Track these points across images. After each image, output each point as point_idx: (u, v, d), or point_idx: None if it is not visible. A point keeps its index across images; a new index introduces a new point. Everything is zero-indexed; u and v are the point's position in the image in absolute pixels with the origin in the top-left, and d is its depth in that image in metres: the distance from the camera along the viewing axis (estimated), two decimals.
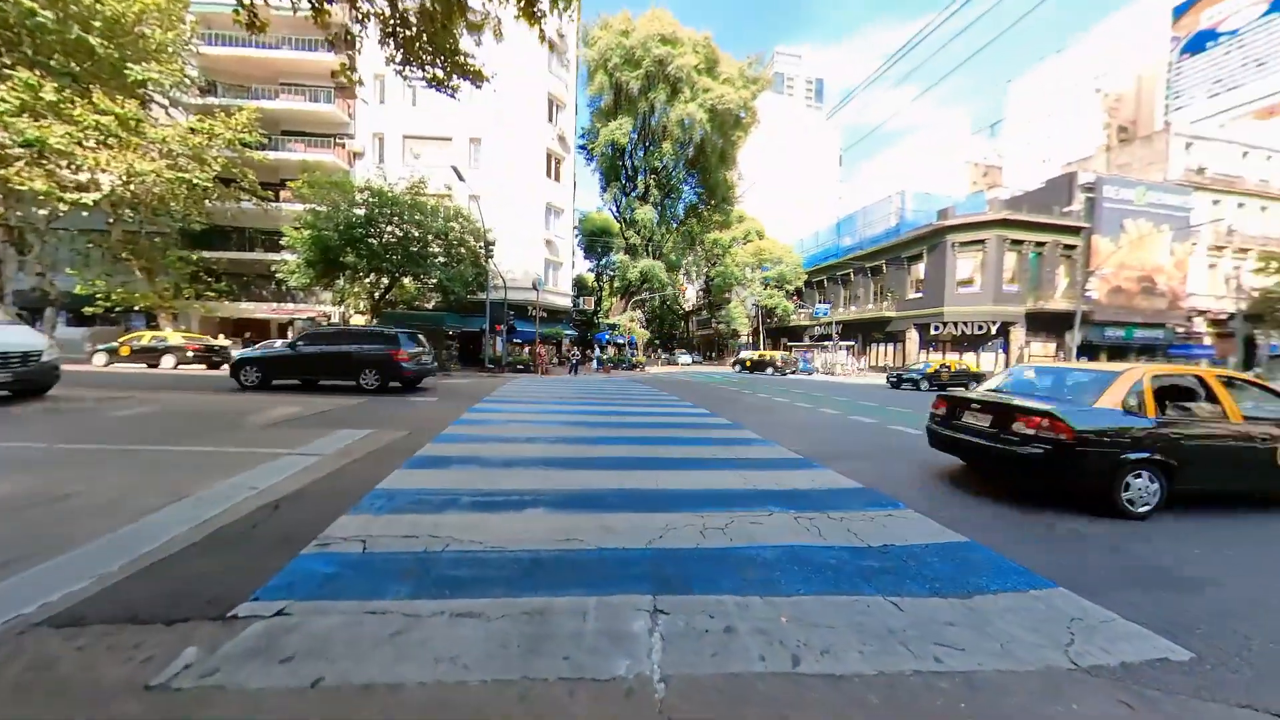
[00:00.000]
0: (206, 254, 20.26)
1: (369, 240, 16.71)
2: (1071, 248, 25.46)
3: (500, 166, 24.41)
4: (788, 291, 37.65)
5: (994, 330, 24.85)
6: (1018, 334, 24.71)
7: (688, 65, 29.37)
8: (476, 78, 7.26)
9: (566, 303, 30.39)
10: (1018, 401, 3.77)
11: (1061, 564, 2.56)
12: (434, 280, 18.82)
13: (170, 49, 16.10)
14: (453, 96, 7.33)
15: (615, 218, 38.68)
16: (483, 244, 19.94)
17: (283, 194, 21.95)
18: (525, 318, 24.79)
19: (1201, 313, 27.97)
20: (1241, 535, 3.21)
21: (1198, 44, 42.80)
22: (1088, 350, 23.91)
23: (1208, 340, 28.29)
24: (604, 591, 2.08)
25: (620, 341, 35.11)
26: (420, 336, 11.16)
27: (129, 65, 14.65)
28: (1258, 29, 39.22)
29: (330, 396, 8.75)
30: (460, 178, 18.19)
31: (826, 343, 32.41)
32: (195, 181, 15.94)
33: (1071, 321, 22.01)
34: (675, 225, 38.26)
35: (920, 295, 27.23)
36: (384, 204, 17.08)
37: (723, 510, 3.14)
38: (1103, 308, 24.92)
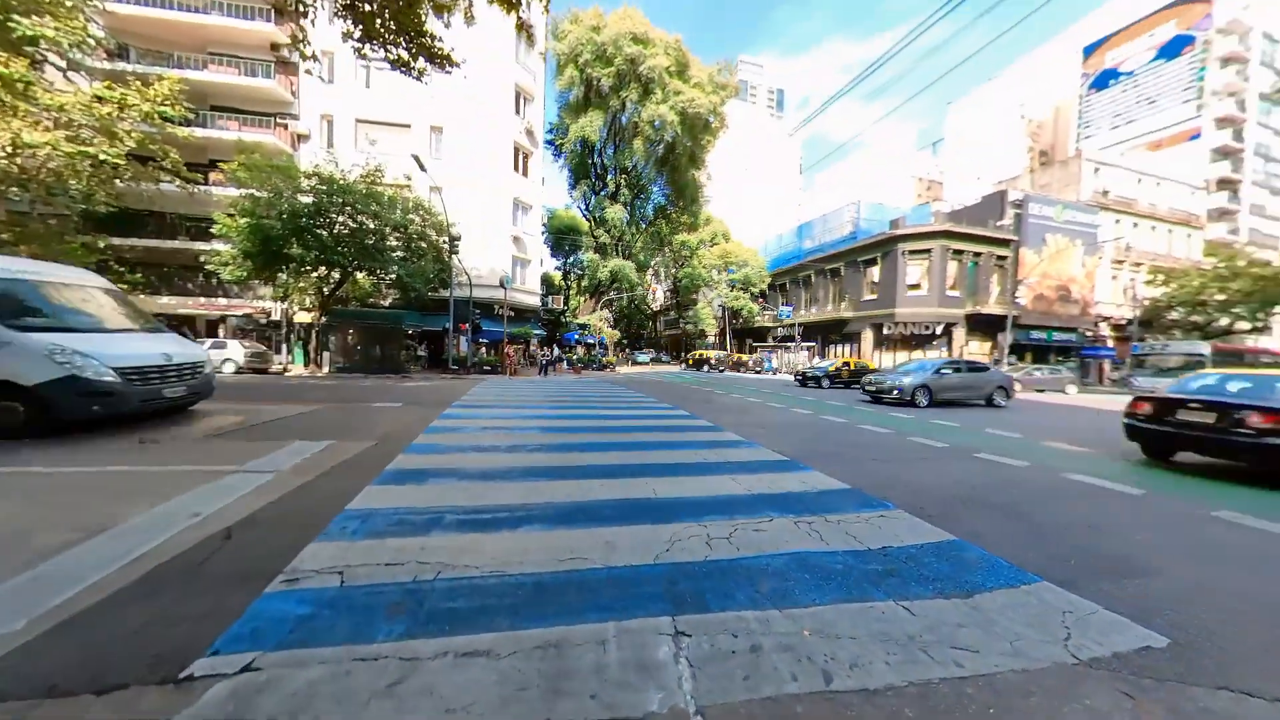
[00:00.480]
0: (117, 241, 17.81)
1: (318, 231, 15.42)
2: (1003, 258, 28.07)
3: (465, 158, 23.32)
4: (753, 294, 38.78)
5: (938, 331, 26.92)
6: (959, 334, 26.93)
7: (660, 66, 29.50)
8: (445, 62, 6.80)
9: (535, 301, 29.61)
10: (1248, 401, 4.34)
11: (1059, 554, 2.74)
12: (392, 276, 17.68)
13: (69, 3, 13.95)
14: (419, 80, 6.85)
15: (584, 216, 38.19)
16: (446, 238, 18.95)
17: (213, 176, 19.72)
18: (491, 316, 23.86)
19: (1106, 319, 31.74)
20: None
21: (1103, 81, 48.62)
22: (1017, 350, 26.43)
23: (1110, 343, 32.15)
24: (620, 615, 1.96)
25: (590, 341, 34.73)
26: (182, 332, 10.60)
27: (15, 18, 12.54)
28: (1148, 72, 45.13)
29: (277, 404, 7.92)
30: (422, 167, 17.18)
31: (789, 344, 33.73)
32: (103, 157, 13.93)
33: (1004, 324, 24.29)
34: (645, 225, 38.35)
35: (875, 298, 29.00)
36: (335, 192, 15.80)
37: (724, 518, 3.10)
38: (1029, 313, 27.64)
